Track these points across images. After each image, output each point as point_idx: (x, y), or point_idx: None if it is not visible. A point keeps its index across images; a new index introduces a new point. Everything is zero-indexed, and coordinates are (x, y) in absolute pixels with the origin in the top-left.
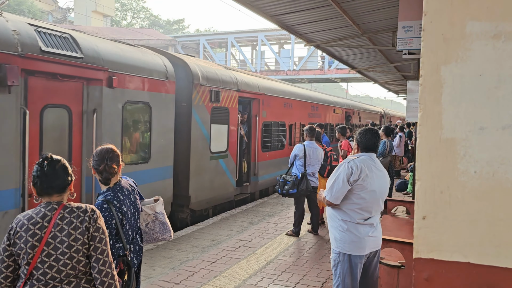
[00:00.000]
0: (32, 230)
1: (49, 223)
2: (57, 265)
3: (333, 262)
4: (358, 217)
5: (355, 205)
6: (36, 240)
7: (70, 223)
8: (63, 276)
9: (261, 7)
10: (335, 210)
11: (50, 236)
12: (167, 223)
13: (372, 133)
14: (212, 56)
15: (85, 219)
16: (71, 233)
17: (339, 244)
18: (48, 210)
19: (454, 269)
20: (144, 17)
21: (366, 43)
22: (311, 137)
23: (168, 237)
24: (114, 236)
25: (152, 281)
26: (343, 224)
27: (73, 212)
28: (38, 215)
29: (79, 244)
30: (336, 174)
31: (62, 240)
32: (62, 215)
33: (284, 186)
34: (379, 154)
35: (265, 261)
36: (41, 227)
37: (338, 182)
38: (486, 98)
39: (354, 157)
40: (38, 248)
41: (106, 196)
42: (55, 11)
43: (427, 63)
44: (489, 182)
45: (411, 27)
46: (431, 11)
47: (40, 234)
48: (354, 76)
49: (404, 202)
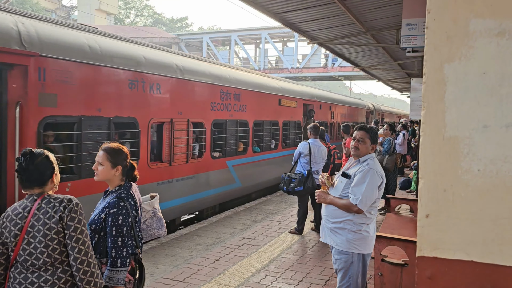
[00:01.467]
0: (14, 220)
1: (29, 213)
2: (36, 253)
3: (343, 264)
4: (372, 217)
5: (372, 208)
6: (17, 229)
7: (46, 213)
8: (40, 263)
9: (264, 5)
10: (352, 214)
11: (29, 226)
12: (162, 218)
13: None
14: (216, 54)
15: (60, 209)
16: (46, 222)
17: (353, 245)
18: (29, 201)
19: (457, 267)
20: (147, 15)
21: (370, 41)
22: (315, 135)
23: (163, 232)
24: (130, 234)
25: (156, 278)
26: (358, 226)
27: (49, 203)
28: (20, 206)
29: (54, 233)
30: (365, 181)
31: (39, 229)
32: (39, 206)
33: (289, 184)
34: (385, 152)
35: (268, 259)
36: (22, 217)
37: (372, 193)
38: (489, 96)
39: (371, 161)
40: (20, 237)
41: (120, 194)
42: (58, 10)
43: (430, 61)
44: (492, 181)
45: (415, 24)
46: (434, 8)
47: (21, 224)
48: (358, 74)
49: (408, 200)
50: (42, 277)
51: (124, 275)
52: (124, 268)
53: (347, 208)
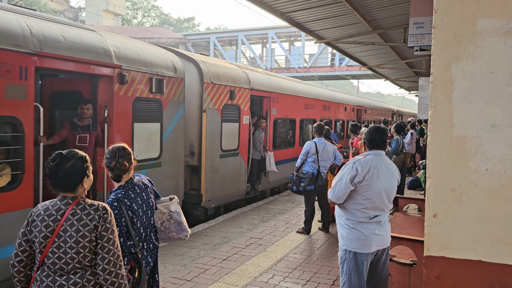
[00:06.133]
0: (46, 221)
1: (62, 216)
2: (65, 257)
3: (340, 259)
4: (362, 216)
5: (360, 205)
6: (49, 231)
7: (80, 220)
8: (69, 268)
9: (270, 4)
10: (340, 209)
11: (61, 229)
12: (182, 222)
13: (379, 130)
14: (222, 54)
15: (95, 218)
16: (79, 229)
17: (345, 241)
18: (63, 204)
19: (465, 267)
20: (154, 15)
21: (377, 39)
22: (319, 135)
23: (184, 236)
24: (125, 234)
25: (164, 278)
26: (348, 222)
27: (84, 210)
28: (53, 207)
29: (86, 241)
30: (340, 174)
31: (71, 235)
32: (74, 211)
33: (299, 184)
34: (393, 151)
35: (276, 259)
36: (54, 220)
37: (341, 183)
38: (497, 95)
39: (360, 157)
40: (50, 239)
41: (116, 194)
42: (67, 11)
43: (437, 60)
44: (500, 180)
45: (423, 23)
46: (441, 8)
47: (53, 226)
48: (365, 73)
49: (416, 200)
50: (71, 280)
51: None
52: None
53: (329, 201)
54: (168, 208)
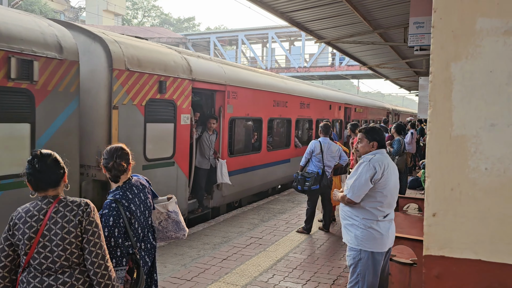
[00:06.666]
0: (29, 223)
1: (44, 216)
2: (52, 256)
3: (351, 260)
4: (379, 215)
5: (378, 203)
6: (32, 232)
7: (64, 217)
8: (57, 266)
9: (271, 4)
10: (354, 209)
11: (45, 229)
12: (180, 222)
13: (382, 130)
14: (223, 53)
15: (78, 213)
16: (64, 226)
17: (361, 242)
18: (44, 203)
19: (465, 266)
20: (155, 15)
21: (377, 39)
22: (325, 134)
23: (182, 235)
24: (123, 235)
25: (164, 277)
26: (365, 222)
27: (67, 206)
28: (35, 208)
29: (72, 237)
30: (357, 173)
31: (56, 232)
32: (56, 209)
33: (304, 183)
34: (395, 152)
35: (276, 258)
36: (37, 220)
37: (359, 181)
38: (497, 94)
39: (371, 156)
40: (35, 240)
41: (115, 195)
42: (67, 11)
43: (437, 60)
44: (500, 179)
45: (423, 23)
46: (441, 7)
47: (36, 227)
48: (365, 73)
49: (416, 199)
50: (59, 280)
51: (121, 274)
52: (120, 267)
53: (343, 200)
54: (166, 208)
